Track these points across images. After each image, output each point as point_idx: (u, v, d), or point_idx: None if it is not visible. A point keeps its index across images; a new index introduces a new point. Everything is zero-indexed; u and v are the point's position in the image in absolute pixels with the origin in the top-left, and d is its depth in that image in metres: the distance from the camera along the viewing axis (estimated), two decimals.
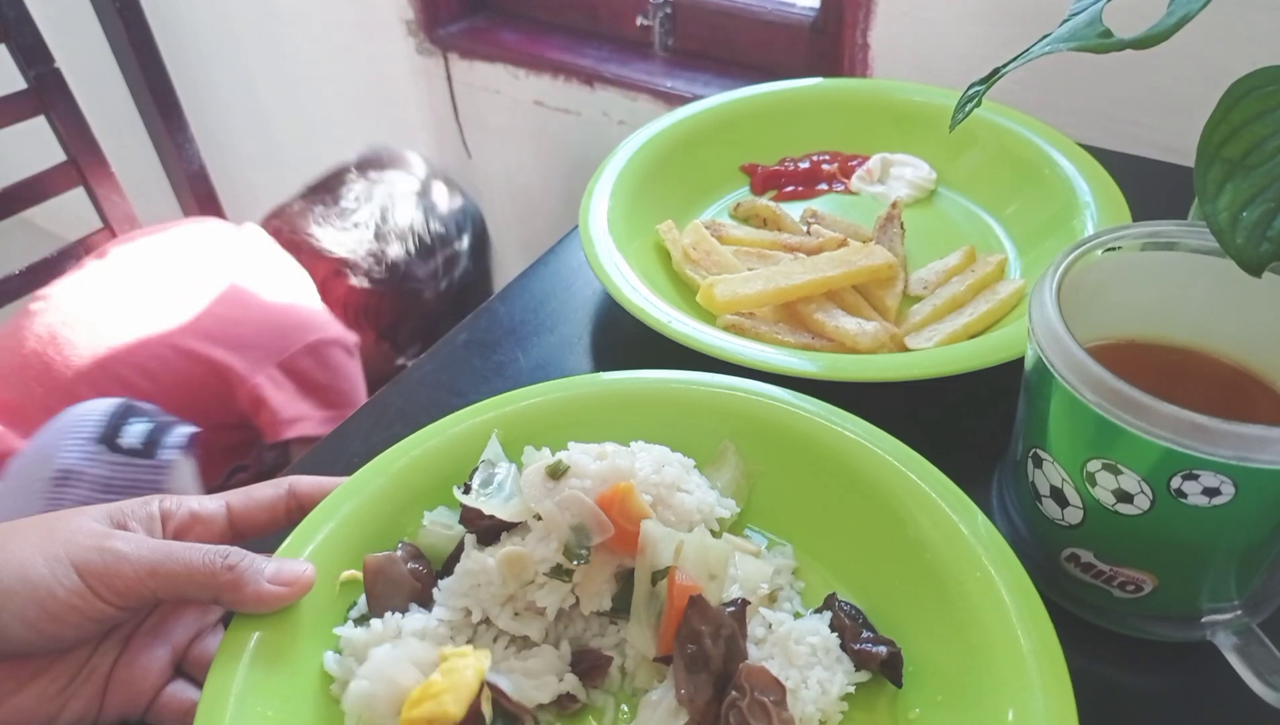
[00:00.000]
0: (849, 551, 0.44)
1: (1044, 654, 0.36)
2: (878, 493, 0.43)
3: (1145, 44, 0.36)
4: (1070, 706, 0.34)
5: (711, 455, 0.47)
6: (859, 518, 0.44)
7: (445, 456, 0.46)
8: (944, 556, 0.40)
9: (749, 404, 0.48)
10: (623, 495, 0.40)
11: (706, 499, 0.44)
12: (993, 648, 0.37)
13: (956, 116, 0.46)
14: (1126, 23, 0.40)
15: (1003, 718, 0.35)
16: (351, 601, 0.43)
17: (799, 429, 0.46)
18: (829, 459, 0.45)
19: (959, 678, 0.38)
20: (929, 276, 0.62)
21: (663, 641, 0.39)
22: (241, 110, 1.70)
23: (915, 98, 0.74)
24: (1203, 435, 0.33)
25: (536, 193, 1.40)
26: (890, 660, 0.39)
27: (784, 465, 0.46)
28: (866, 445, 0.45)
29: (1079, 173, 0.64)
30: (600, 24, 1.25)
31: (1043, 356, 0.37)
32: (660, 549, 0.39)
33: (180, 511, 0.41)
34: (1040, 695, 0.35)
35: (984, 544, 0.40)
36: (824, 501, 0.45)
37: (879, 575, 0.42)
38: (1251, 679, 0.37)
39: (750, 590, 0.41)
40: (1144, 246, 0.41)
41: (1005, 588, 0.38)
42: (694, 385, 0.49)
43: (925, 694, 0.38)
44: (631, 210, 0.65)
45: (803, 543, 0.45)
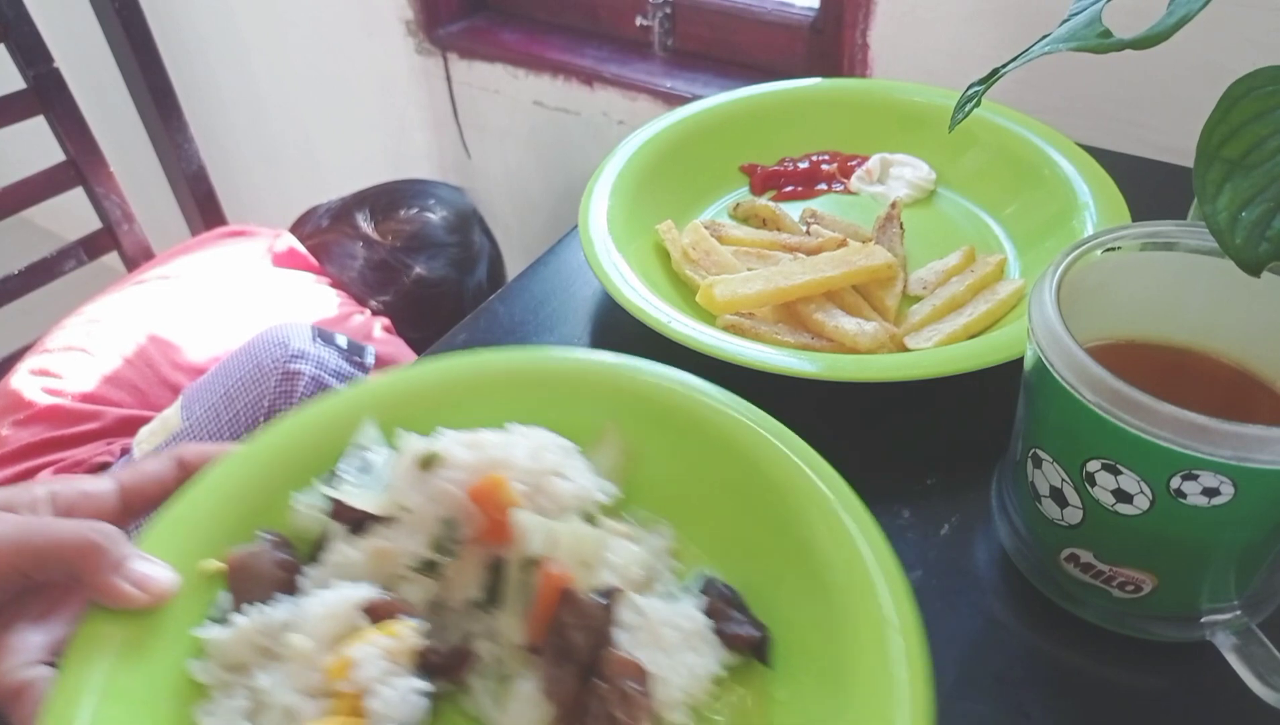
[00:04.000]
0: (728, 532, 0.44)
1: (909, 635, 0.36)
2: (758, 472, 0.43)
3: (1145, 44, 0.36)
4: (928, 690, 0.35)
5: (592, 436, 0.46)
6: (738, 498, 0.44)
7: (319, 436, 0.46)
8: (820, 538, 0.40)
9: (631, 382, 0.47)
10: (494, 487, 0.40)
11: (585, 485, 0.43)
12: (859, 633, 0.37)
13: (956, 116, 0.46)
14: (1126, 23, 0.40)
15: (865, 699, 0.35)
16: (214, 594, 0.41)
17: (682, 408, 0.46)
18: (712, 438, 0.45)
19: (828, 660, 0.38)
20: (928, 277, 0.62)
21: (533, 631, 0.39)
22: (241, 110, 1.70)
23: (915, 98, 0.74)
24: (1203, 435, 0.33)
25: (536, 193, 1.40)
26: (759, 643, 0.40)
27: (666, 445, 0.46)
28: (749, 424, 0.45)
29: (1079, 173, 0.64)
30: (600, 24, 1.25)
31: (1042, 356, 0.37)
32: (532, 539, 0.40)
33: (67, 491, 0.39)
34: (905, 675, 0.35)
35: (856, 522, 0.40)
36: (704, 481, 0.45)
37: (756, 556, 0.42)
38: (1251, 679, 0.37)
39: (623, 576, 0.41)
40: (1143, 246, 0.41)
41: (876, 570, 0.38)
42: (575, 363, 0.49)
43: (794, 676, 0.39)
44: (631, 210, 0.65)
45: (682, 522, 0.45)
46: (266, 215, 1.64)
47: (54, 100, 1.05)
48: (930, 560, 0.46)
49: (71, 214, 1.25)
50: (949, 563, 0.46)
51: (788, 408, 0.55)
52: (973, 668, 0.41)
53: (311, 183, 1.67)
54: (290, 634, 0.38)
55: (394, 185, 1.22)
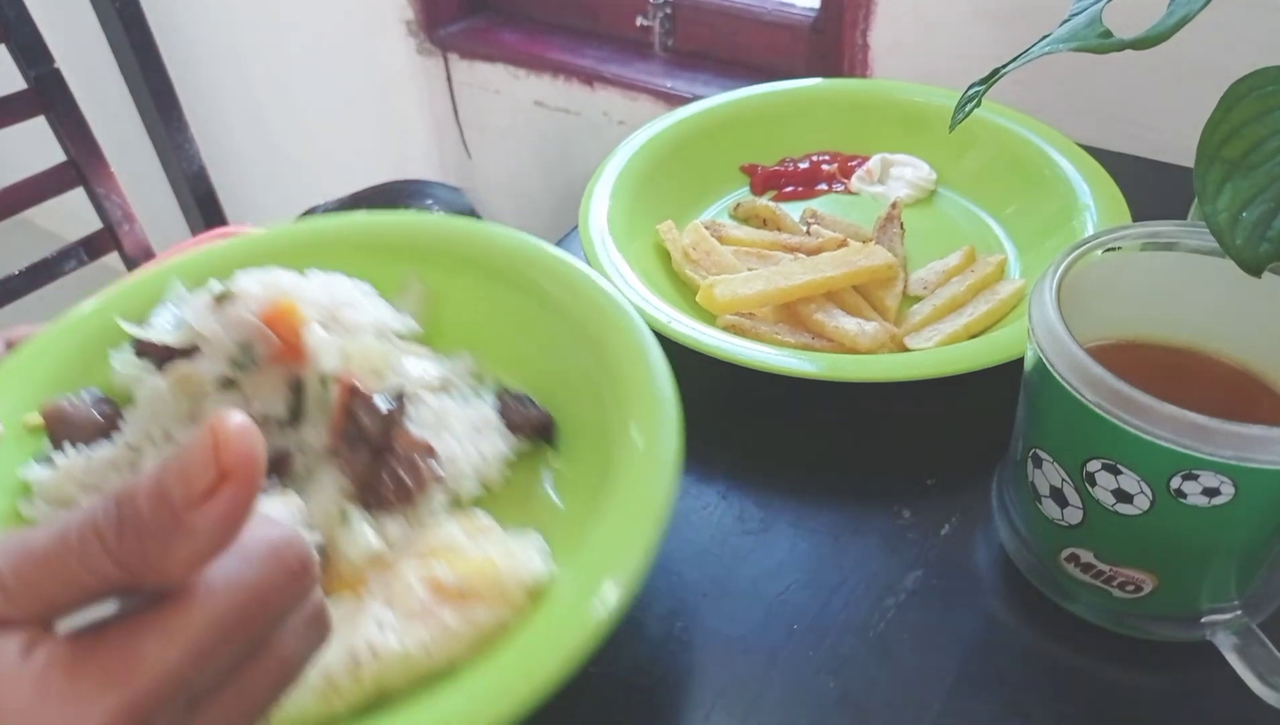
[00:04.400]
0: (522, 354, 0.51)
1: (668, 410, 0.43)
2: (547, 296, 0.50)
3: (1145, 44, 0.36)
4: (680, 453, 0.41)
5: (396, 286, 0.53)
6: (530, 324, 0.51)
7: (134, 303, 0.51)
8: (607, 339, 0.47)
9: (428, 235, 0.55)
10: (285, 311, 0.44)
11: (381, 314, 0.48)
12: (628, 410, 0.44)
13: (956, 116, 0.46)
14: (1126, 23, 0.40)
15: (628, 464, 0.41)
16: (41, 445, 0.45)
17: (476, 251, 0.53)
18: (504, 274, 0.52)
19: (601, 436, 0.44)
20: (929, 277, 0.62)
21: (334, 436, 0.43)
22: (241, 110, 1.70)
23: (915, 98, 0.74)
24: (1203, 435, 0.33)
25: (536, 193, 1.40)
26: (545, 426, 0.47)
27: (464, 286, 0.53)
28: (536, 254, 0.52)
29: (1079, 173, 0.64)
30: (600, 24, 1.25)
31: (1043, 356, 0.37)
32: (324, 354, 0.44)
33: None
34: (663, 440, 0.41)
35: (635, 323, 0.47)
36: (498, 314, 0.52)
37: (548, 368, 0.49)
38: (1251, 679, 0.37)
39: (418, 382, 0.46)
40: (1144, 247, 0.41)
41: (647, 353, 0.46)
42: (375, 224, 0.56)
43: (574, 453, 0.46)
44: (631, 210, 0.65)
45: (481, 352, 0.52)
46: (266, 215, 1.64)
47: (54, 100, 1.05)
48: (930, 560, 0.46)
49: (72, 214, 1.25)
50: (949, 563, 0.46)
51: (788, 408, 0.55)
52: (973, 668, 0.41)
53: (311, 183, 1.67)
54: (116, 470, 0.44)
55: (392, 185, 1.22)
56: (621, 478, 0.41)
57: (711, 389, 0.56)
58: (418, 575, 0.39)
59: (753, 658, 0.42)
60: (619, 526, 0.39)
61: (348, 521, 0.41)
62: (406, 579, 0.39)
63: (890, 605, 0.44)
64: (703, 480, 0.51)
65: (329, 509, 0.42)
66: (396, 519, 0.42)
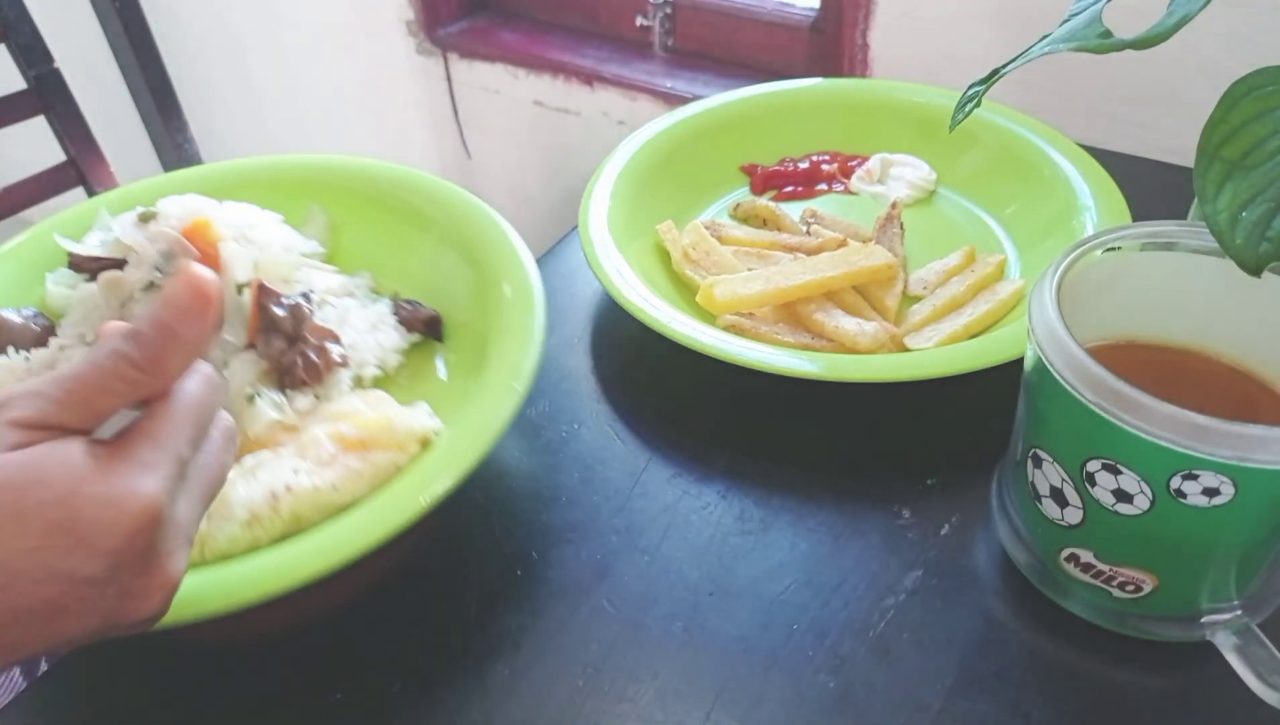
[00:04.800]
0: (415, 273, 0.59)
1: (533, 304, 0.51)
2: (428, 221, 0.59)
3: (1145, 44, 0.36)
4: (542, 340, 0.49)
5: (302, 217, 0.61)
6: (418, 244, 0.59)
7: (67, 231, 0.58)
8: (487, 256, 0.55)
9: (329, 172, 0.64)
10: (202, 226, 0.52)
11: (288, 237, 0.56)
12: (502, 309, 0.52)
13: (956, 116, 0.46)
14: (1126, 23, 0.40)
15: (501, 351, 0.49)
16: None
17: (371, 184, 0.62)
18: (396, 203, 0.61)
19: (482, 328, 0.52)
20: (929, 277, 0.62)
21: (251, 330, 0.50)
22: (241, 110, 1.70)
23: (915, 98, 0.74)
24: (1202, 435, 0.33)
25: (536, 193, 1.40)
26: (432, 321, 0.55)
27: (362, 216, 0.61)
28: (423, 183, 0.61)
29: (1079, 173, 0.64)
30: (600, 24, 1.25)
31: (1042, 356, 0.37)
32: (239, 264, 0.52)
33: None
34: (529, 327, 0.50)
35: (514, 242, 0.56)
36: (392, 238, 0.60)
37: (437, 285, 0.57)
38: (1251, 679, 0.37)
39: (322, 288, 0.54)
40: (1144, 247, 0.41)
41: (521, 264, 0.54)
42: (282, 163, 0.66)
43: (459, 344, 0.55)
44: (631, 210, 0.65)
45: (378, 271, 0.60)
46: None
47: (54, 100, 1.05)
48: (930, 560, 0.46)
49: None
50: (949, 563, 0.46)
51: (788, 408, 0.55)
52: (973, 668, 0.41)
53: None
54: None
55: None
56: (495, 357, 0.49)
57: (711, 389, 0.56)
58: (326, 433, 0.46)
59: (753, 658, 0.42)
60: (493, 389, 0.47)
61: (254, 401, 0.48)
62: (316, 435, 0.46)
63: (890, 605, 0.44)
64: (703, 480, 0.51)
65: (241, 391, 0.49)
66: (307, 396, 0.50)
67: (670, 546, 0.47)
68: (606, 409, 0.56)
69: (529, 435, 0.54)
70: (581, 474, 0.51)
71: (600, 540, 0.48)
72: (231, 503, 0.43)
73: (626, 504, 0.49)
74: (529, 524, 0.49)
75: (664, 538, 0.48)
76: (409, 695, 0.41)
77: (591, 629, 0.44)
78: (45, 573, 0.27)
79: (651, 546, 0.47)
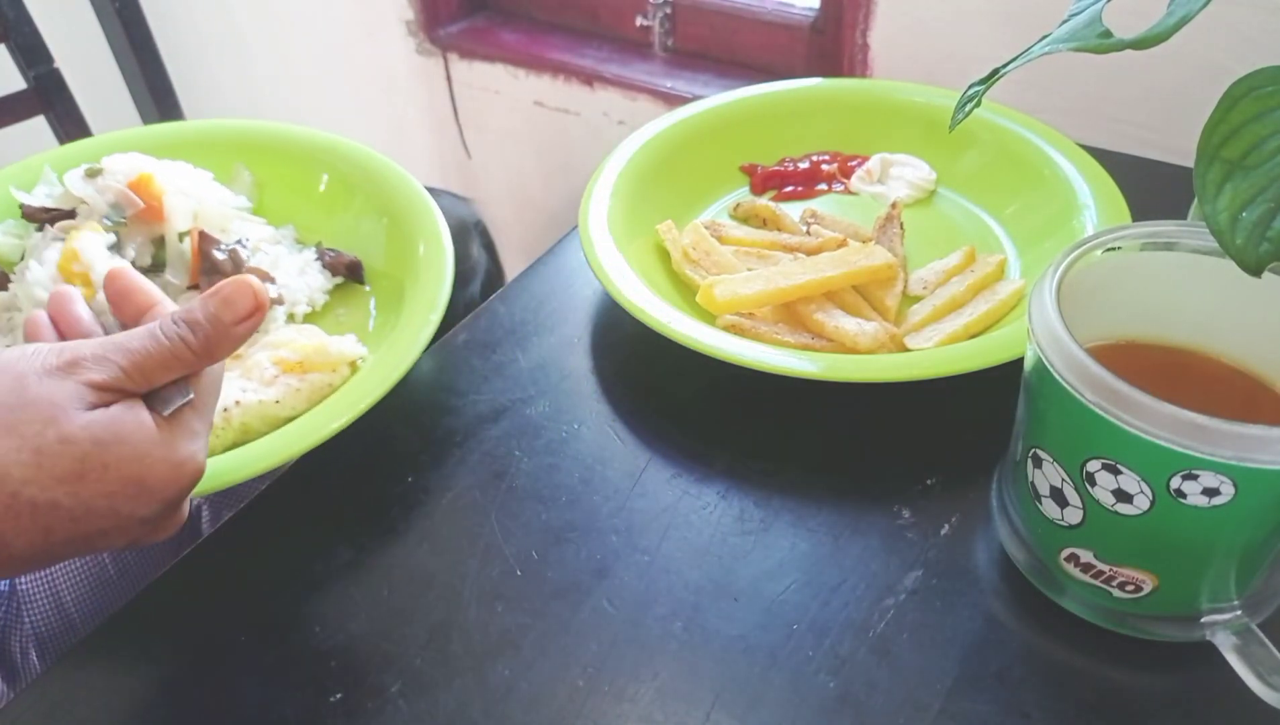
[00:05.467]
0: (336, 225, 0.65)
1: (443, 253, 0.58)
2: (346, 178, 0.66)
3: (1145, 44, 0.36)
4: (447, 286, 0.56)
5: (229, 176, 0.66)
6: (338, 199, 0.66)
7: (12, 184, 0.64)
8: (400, 206, 0.62)
9: (252, 134, 0.69)
10: (146, 180, 0.59)
11: (219, 192, 0.63)
12: (417, 253, 0.59)
13: (956, 116, 0.46)
14: (1126, 23, 0.40)
15: (418, 291, 0.56)
16: None
17: (292, 145, 0.68)
18: (316, 163, 0.67)
19: (400, 274, 0.59)
20: (929, 276, 0.62)
21: (194, 272, 0.57)
22: (241, 110, 1.70)
23: (915, 98, 0.74)
24: (1203, 435, 0.33)
25: (536, 193, 1.40)
26: (353, 265, 0.61)
27: (285, 174, 0.67)
28: (338, 145, 0.68)
29: (1079, 173, 0.64)
30: (600, 24, 1.25)
31: (1042, 356, 0.37)
32: (180, 214, 0.59)
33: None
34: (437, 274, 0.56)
35: (424, 200, 0.62)
36: (314, 194, 0.66)
37: (358, 235, 0.63)
38: (1251, 679, 0.37)
39: (255, 237, 0.61)
40: (1144, 247, 0.41)
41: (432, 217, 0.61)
42: (209, 127, 0.71)
43: (381, 284, 0.61)
44: (631, 210, 0.65)
45: (302, 225, 0.65)
46: None
47: (54, 100, 1.05)
48: (930, 560, 0.46)
49: None
50: (949, 563, 0.46)
51: (788, 408, 0.55)
52: (973, 668, 0.41)
53: None
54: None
55: None
56: (411, 296, 0.56)
57: (711, 389, 0.56)
58: (268, 357, 0.53)
59: (753, 658, 0.42)
60: (412, 323, 0.54)
61: None
62: (259, 360, 0.52)
63: (890, 605, 0.44)
64: (703, 480, 0.51)
65: None
66: None
67: (670, 546, 0.47)
68: (606, 409, 0.56)
69: (529, 435, 0.54)
70: (581, 474, 0.51)
71: (600, 540, 0.48)
72: None
73: (626, 504, 0.49)
74: (529, 524, 0.49)
75: (664, 538, 0.48)
76: (409, 695, 0.41)
77: (591, 629, 0.44)
78: (112, 512, 0.33)
79: (651, 546, 0.47)
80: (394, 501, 0.50)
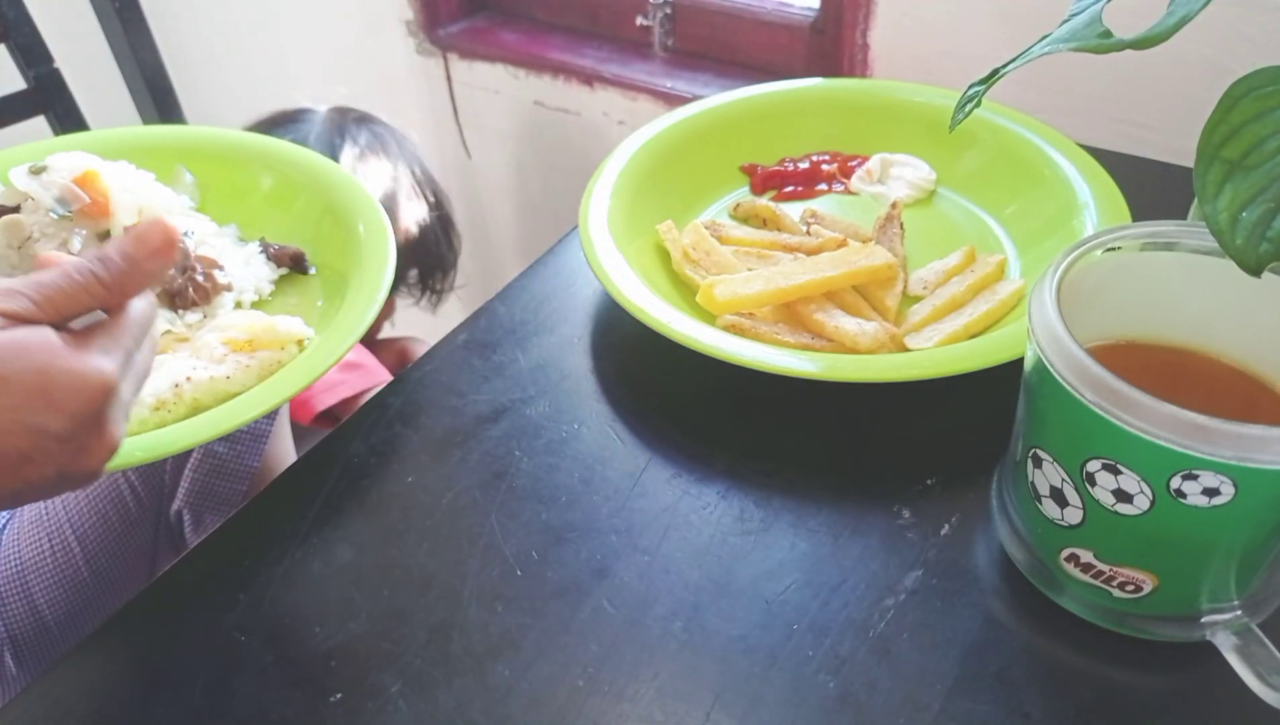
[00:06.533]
0: (278, 222, 0.65)
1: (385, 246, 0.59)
2: (287, 176, 0.67)
3: (1145, 44, 0.36)
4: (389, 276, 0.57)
5: (170, 177, 0.67)
6: (278, 196, 0.66)
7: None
8: (345, 206, 0.63)
9: (192, 138, 0.71)
10: (92, 175, 0.59)
11: (162, 191, 0.63)
12: (361, 248, 0.59)
13: (956, 116, 0.46)
14: (1126, 23, 0.40)
15: (360, 280, 0.57)
16: None
17: (230, 148, 0.69)
18: (255, 163, 0.68)
19: (344, 264, 0.60)
20: (929, 277, 0.62)
21: None
22: (241, 110, 1.70)
23: (915, 98, 0.74)
24: (1203, 435, 0.33)
25: (536, 193, 1.40)
26: (297, 256, 0.62)
27: (225, 175, 0.68)
28: (275, 147, 0.69)
29: (1079, 173, 0.64)
30: (600, 24, 1.25)
31: (1042, 356, 0.37)
32: (125, 209, 0.59)
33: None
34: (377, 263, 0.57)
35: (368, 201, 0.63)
36: (254, 193, 0.67)
37: (300, 229, 0.64)
38: (1251, 679, 0.37)
39: (201, 232, 0.62)
40: (1144, 247, 0.41)
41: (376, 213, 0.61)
42: (152, 132, 0.74)
43: (326, 278, 0.62)
44: (631, 210, 0.65)
45: (244, 223, 0.66)
46: None
47: (54, 100, 1.05)
48: (930, 560, 0.46)
49: None
50: (949, 563, 0.46)
51: (788, 408, 0.55)
52: (973, 668, 0.41)
53: None
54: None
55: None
56: (354, 279, 0.58)
57: (711, 389, 0.56)
58: (217, 338, 0.54)
59: (753, 658, 0.42)
60: (357, 303, 0.55)
61: None
62: (208, 341, 0.54)
63: (890, 605, 0.44)
64: (703, 480, 0.51)
65: None
66: (197, 314, 0.58)
67: (670, 546, 0.47)
68: (606, 409, 0.56)
69: (529, 435, 0.54)
70: (581, 474, 0.51)
71: (600, 540, 0.48)
72: (141, 392, 0.50)
73: (626, 504, 0.49)
74: (529, 524, 0.49)
75: (664, 538, 0.48)
76: (409, 695, 0.41)
77: (591, 629, 0.44)
78: (21, 427, 0.33)
79: (651, 546, 0.47)
80: (394, 501, 0.50)
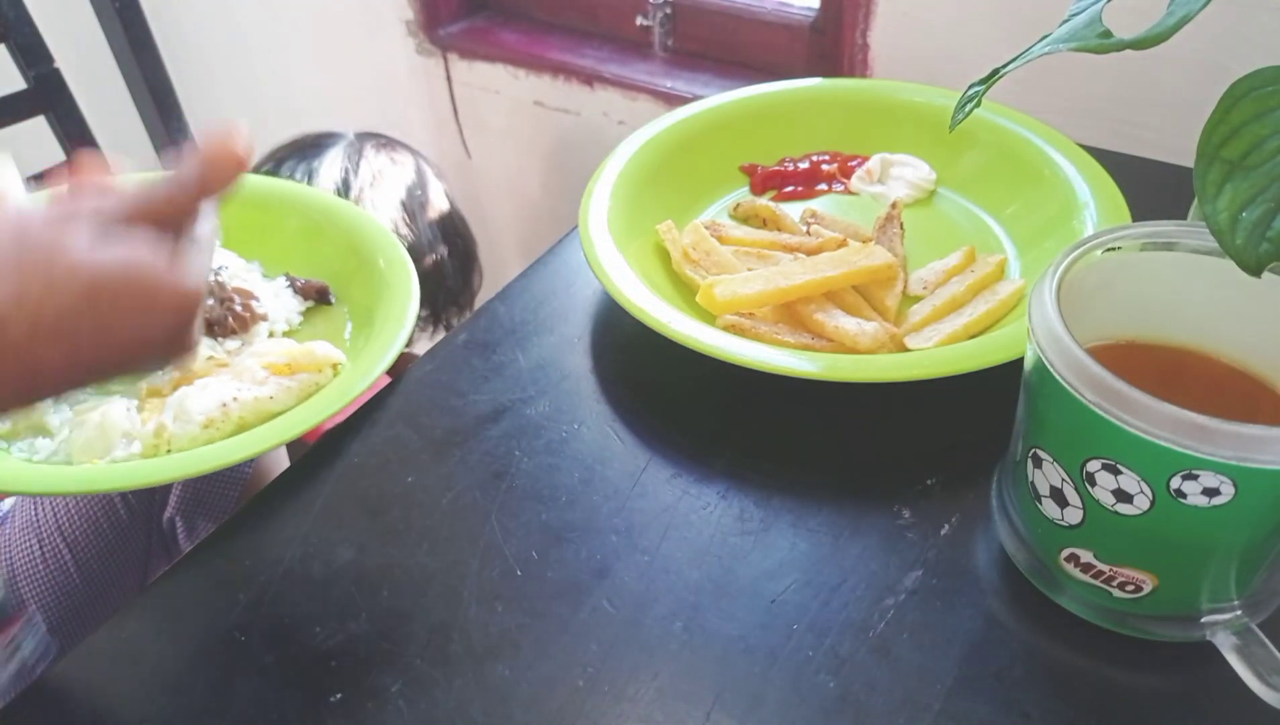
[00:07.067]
0: (302, 259, 0.67)
1: (408, 280, 0.61)
2: (310, 219, 0.69)
3: (1145, 44, 0.36)
4: (413, 311, 0.59)
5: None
6: (302, 237, 0.68)
7: None
8: (366, 242, 0.65)
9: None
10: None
11: None
12: (386, 281, 0.62)
13: (956, 116, 0.46)
14: (1126, 23, 0.40)
15: (385, 315, 0.60)
16: None
17: (256, 193, 0.69)
18: (277, 206, 0.69)
19: (370, 295, 0.62)
20: (929, 276, 0.62)
21: None
22: (241, 110, 1.70)
23: (915, 98, 0.74)
24: (1203, 435, 0.33)
25: (536, 193, 1.40)
26: (322, 289, 0.65)
27: (250, 218, 0.67)
28: (298, 192, 0.71)
29: (1079, 173, 0.64)
30: (600, 24, 1.25)
31: (1042, 356, 0.37)
32: None
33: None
34: (403, 295, 0.60)
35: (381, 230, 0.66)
36: (277, 235, 0.68)
37: (326, 261, 0.67)
38: (1251, 679, 0.37)
39: (232, 268, 0.66)
40: (1144, 247, 0.41)
41: (395, 248, 0.64)
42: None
43: (354, 304, 0.65)
44: (631, 210, 0.65)
45: (268, 262, 0.68)
46: None
47: (54, 100, 1.05)
48: (930, 560, 0.46)
49: None
50: (949, 563, 0.46)
51: (788, 408, 0.55)
52: (973, 668, 0.41)
53: None
54: None
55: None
56: (380, 310, 0.61)
57: (711, 389, 0.56)
58: (258, 362, 0.57)
59: (753, 658, 0.42)
60: (386, 330, 0.58)
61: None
62: (249, 365, 0.57)
63: (890, 605, 0.44)
64: (703, 480, 0.51)
65: None
66: (235, 341, 0.61)
67: (670, 546, 0.47)
68: (606, 409, 0.56)
69: (529, 435, 0.54)
70: (581, 474, 0.51)
71: (600, 540, 0.48)
72: (191, 411, 0.54)
73: (626, 504, 0.49)
74: (529, 524, 0.49)
75: (664, 538, 0.48)
76: (409, 695, 0.41)
77: (591, 629, 0.44)
78: (128, 337, 0.36)
79: (651, 546, 0.47)
80: (394, 501, 0.50)
